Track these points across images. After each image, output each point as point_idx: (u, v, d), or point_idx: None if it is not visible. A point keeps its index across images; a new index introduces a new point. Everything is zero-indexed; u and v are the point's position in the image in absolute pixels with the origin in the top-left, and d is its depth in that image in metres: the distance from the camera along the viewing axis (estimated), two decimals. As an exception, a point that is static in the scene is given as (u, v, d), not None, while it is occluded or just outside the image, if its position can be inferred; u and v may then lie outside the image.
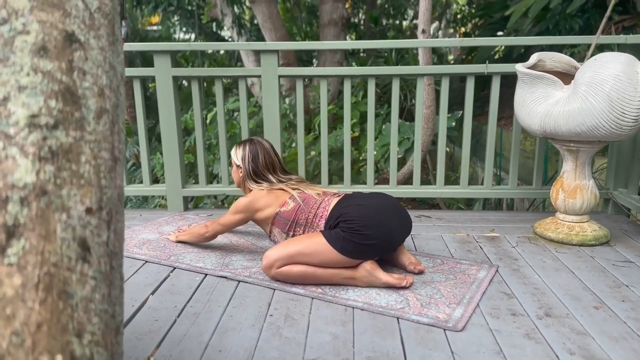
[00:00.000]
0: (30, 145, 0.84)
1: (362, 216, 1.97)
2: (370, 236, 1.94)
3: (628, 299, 1.89)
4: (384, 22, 11.18)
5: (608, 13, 2.54)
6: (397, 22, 11.43)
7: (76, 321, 0.81)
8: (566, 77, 2.47)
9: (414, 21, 11.85)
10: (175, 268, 2.22)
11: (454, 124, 4.38)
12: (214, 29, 9.45)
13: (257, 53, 7.55)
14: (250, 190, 2.32)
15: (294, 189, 2.24)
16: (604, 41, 2.64)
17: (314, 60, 10.07)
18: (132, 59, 8.18)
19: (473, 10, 11.71)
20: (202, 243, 2.44)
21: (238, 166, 2.36)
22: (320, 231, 2.04)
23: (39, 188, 0.82)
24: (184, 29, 9.21)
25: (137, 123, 2.98)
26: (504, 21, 7.72)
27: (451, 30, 13.27)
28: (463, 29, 12.67)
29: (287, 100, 6.52)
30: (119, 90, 1.07)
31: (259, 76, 2.83)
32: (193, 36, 9.75)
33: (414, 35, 10.66)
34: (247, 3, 8.09)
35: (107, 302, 0.90)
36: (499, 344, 1.60)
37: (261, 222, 2.26)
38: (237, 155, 2.35)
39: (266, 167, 2.30)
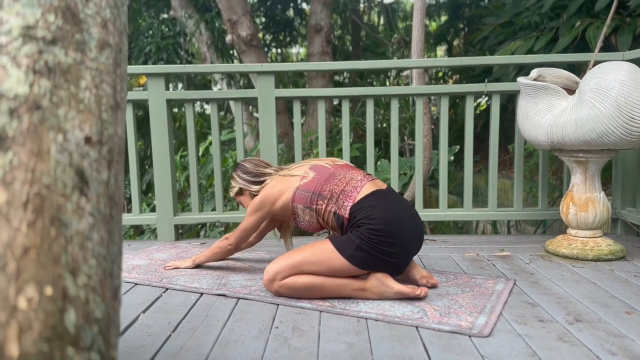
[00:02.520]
0: (24, 57, 0.73)
1: (391, 232, 1.79)
2: (393, 254, 1.80)
3: (660, 304, 1.76)
4: (368, 79, 11.40)
5: (596, 51, 2.57)
6: (382, 76, 11.66)
7: (70, 256, 0.67)
8: (567, 92, 2.44)
9: (396, 80, 12.09)
10: (167, 289, 2.05)
11: (452, 158, 4.35)
12: (203, 82, 9.55)
13: (248, 102, 7.59)
14: None
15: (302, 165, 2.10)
16: (601, 58, 2.64)
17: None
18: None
19: (451, 68, 12.06)
20: (220, 259, 2.30)
21: (241, 190, 2.22)
22: (328, 237, 1.90)
23: (32, 101, 0.71)
24: (173, 83, 9.28)
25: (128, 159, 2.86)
26: (486, 74, 7.91)
27: (433, 87, 13.57)
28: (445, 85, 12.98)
29: (278, 146, 6.47)
30: (122, 38, 0.97)
31: (256, 98, 2.77)
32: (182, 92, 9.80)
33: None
34: (236, 54, 8.21)
35: (106, 248, 0.76)
36: (531, 347, 1.44)
37: (282, 210, 2.04)
38: (234, 185, 2.24)
39: (258, 167, 2.19)
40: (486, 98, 8.74)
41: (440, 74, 13.26)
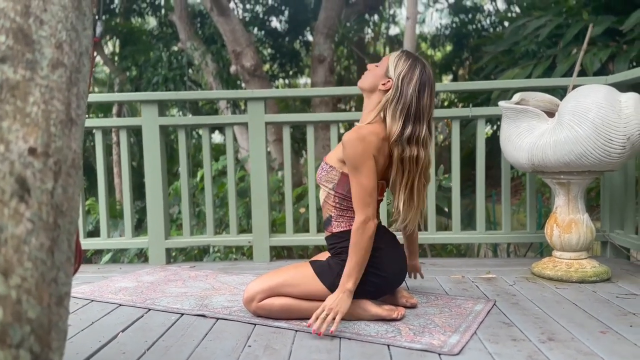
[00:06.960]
0: (-29, 74, 0.79)
1: (389, 279, 1.86)
2: (373, 283, 1.83)
3: (636, 324, 1.75)
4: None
5: (575, 75, 2.61)
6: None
7: (3, 257, 0.71)
8: (550, 115, 2.47)
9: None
10: (150, 310, 2.07)
11: (451, 184, 4.37)
12: (210, 113, 9.73)
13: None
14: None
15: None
16: (585, 82, 2.67)
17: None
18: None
19: (458, 95, 12.16)
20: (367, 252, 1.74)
21: (388, 79, 1.79)
22: (310, 261, 1.92)
23: (-25, 114, 0.76)
24: (180, 112, 9.46)
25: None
26: (488, 101, 7.96)
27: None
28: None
29: (279, 173, 6.54)
30: (82, 59, 1.03)
31: (246, 123, 2.84)
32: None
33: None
34: (242, 84, 8.37)
35: (46, 254, 0.80)
36: (499, 365, 1.44)
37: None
38: (388, 63, 1.81)
39: (422, 94, 1.75)
40: (489, 125, 8.76)
41: (447, 104, 13.35)
